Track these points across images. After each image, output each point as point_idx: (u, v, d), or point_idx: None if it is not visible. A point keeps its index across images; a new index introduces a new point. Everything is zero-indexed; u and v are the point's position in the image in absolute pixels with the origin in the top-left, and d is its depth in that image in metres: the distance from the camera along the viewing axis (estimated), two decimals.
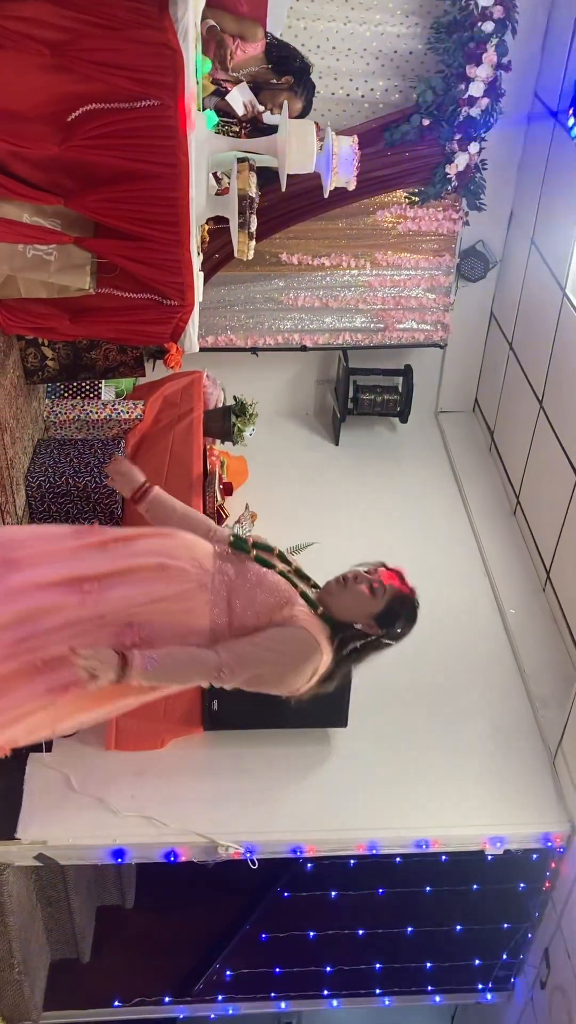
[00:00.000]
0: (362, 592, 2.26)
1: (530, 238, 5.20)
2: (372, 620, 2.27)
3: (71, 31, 2.68)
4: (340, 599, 2.28)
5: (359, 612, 2.27)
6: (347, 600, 2.27)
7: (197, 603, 2.20)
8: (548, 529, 4.91)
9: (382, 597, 2.26)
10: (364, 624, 2.28)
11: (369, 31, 4.77)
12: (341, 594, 2.28)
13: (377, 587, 2.26)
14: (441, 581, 4.92)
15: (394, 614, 2.28)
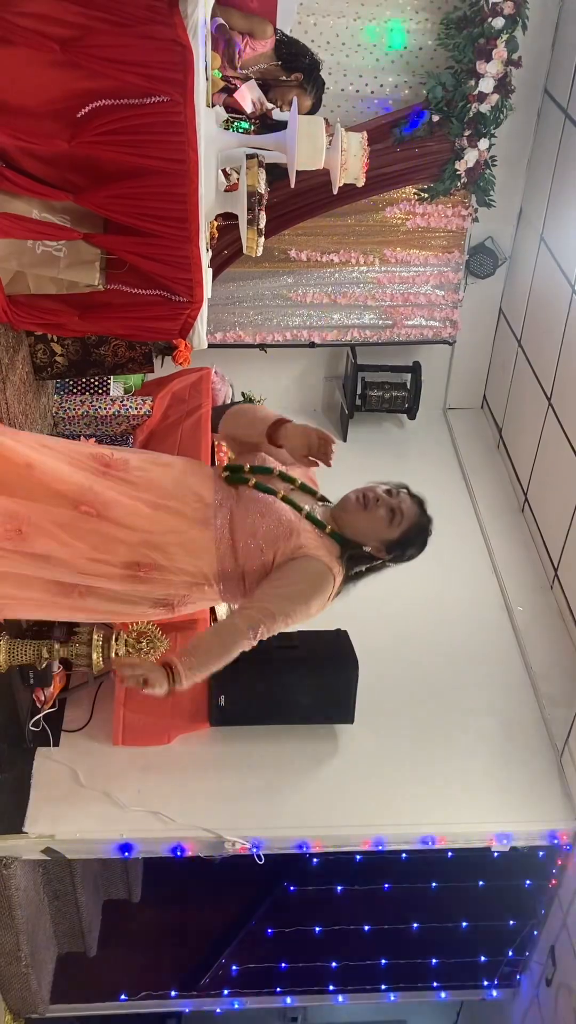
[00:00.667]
0: (380, 517, 2.19)
1: (540, 235, 5.19)
2: (383, 546, 2.21)
3: (81, 27, 2.68)
4: (356, 519, 2.20)
5: (372, 536, 2.20)
6: (363, 522, 2.20)
7: (202, 544, 2.13)
8: (556, 527, 4.90)
9: (399, 526, 2.19)
10: (374, 548, 2.22)
11: (379, 27, 4.76)
12: (358, 515, 2.20)
13: (397, 514, 2.19)
14: (448, 578, 4.92)
15: (407, 544, 2.22)
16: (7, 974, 3.98)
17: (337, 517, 2.22)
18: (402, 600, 4.70)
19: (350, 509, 2.21)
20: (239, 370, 5.48)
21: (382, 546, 2.20)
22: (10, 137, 2.76)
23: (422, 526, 2.24)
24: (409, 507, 2.21)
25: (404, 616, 4.60)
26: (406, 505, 2.21)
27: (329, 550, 2.16)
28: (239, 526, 2.13)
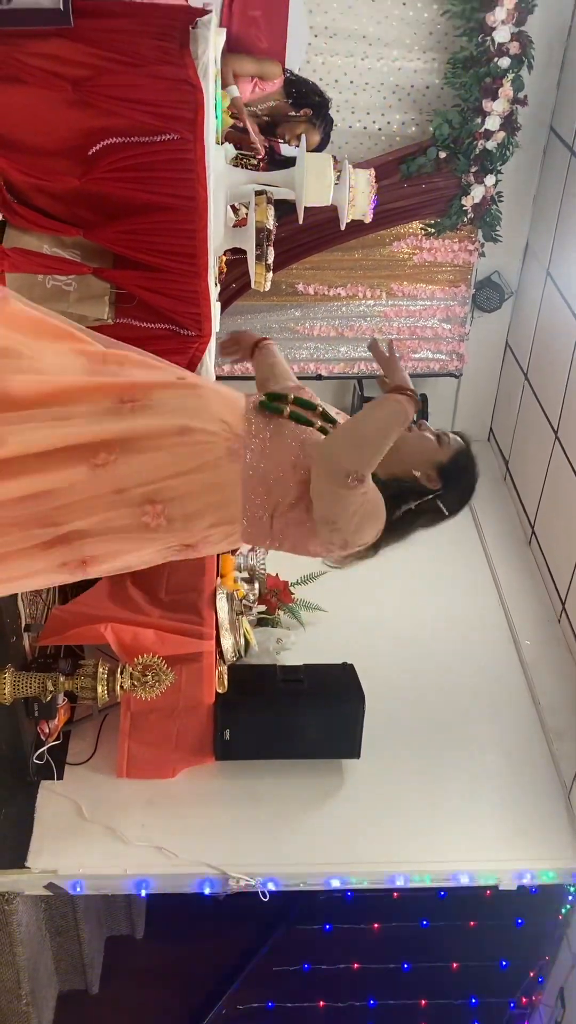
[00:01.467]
0: (428, 437, 2.04)
1: (546, 269, 5.22)
2: (434, 471, 2.01)
3: (93, 68, 2.73)
4: (402, 442, 1.98)
5: (422, 459, 2.01)
6: (410, 443, 2.01)
7: (228, 474, 1.91)
8: (564, 560, 4.89)
9: (448, 448, 2.03)
10: (424, 474, 2.01)
11: (386, 66, 4.83)
12: (404, 437, 1.98)
13: (444, 437, 2.04)
14: (455, 611, 4.91)
15: (459, 471, 2.03)
16: (7, 1012, 3.92)
17: None
18: (408, 633, 4.69)
19: None
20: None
21: (433, 470, 2.01)
22: (22, 174, 2.81)
23: (472, 458, 2.06)
24: (453, 435, 2.07)
25: (411, 649, 4.59)
26: (451, 433, 2.07)
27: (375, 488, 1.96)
28: (271, 457, 1.92)
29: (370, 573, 5.04)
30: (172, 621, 3.48)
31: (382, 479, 1.97)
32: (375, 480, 1.94)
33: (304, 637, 4.48)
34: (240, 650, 3.77)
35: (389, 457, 1.93)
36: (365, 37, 4.73)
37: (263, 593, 4.33)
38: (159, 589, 3.63)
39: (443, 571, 5.18)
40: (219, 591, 3.63)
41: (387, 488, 1.97)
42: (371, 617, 4.70)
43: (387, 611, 4.78)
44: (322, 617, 4.64)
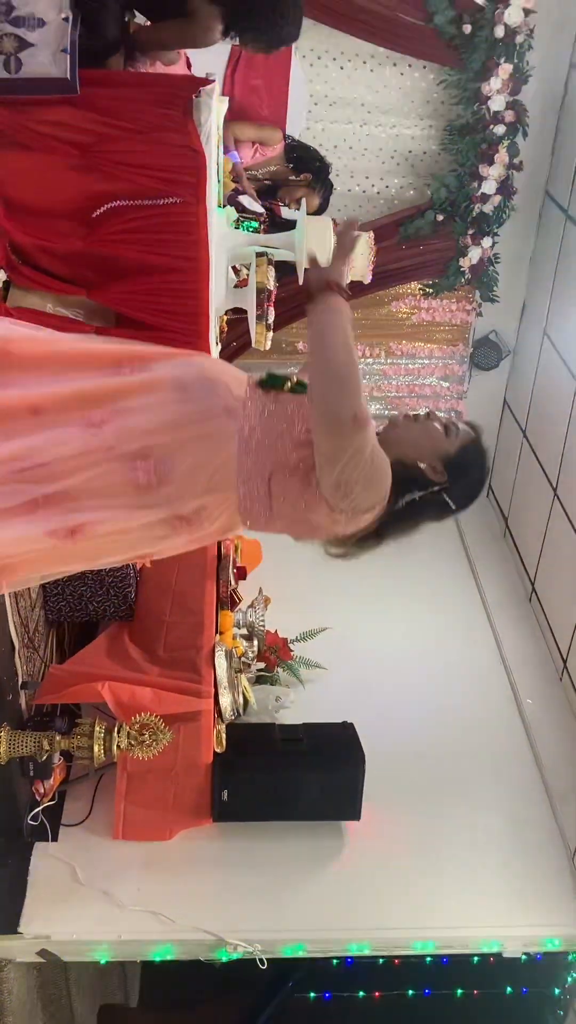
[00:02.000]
0: (435, 428, 1.94)
1: (543, 329, 5.29)
2: (440, 462, 1.91)
3: (99, 134, 2.79)
4: (407, 432, 1.93)
5: (428, 449, 1.91)
6: (415, 433, 1.93)
7: (223, 432, 1.83)
8: (564, 618, 4.86)
9: (456, 439, 1.93)
10: (429, 465, 1.91)
11: (385, 133, 4.96)
12: (409, 427, 1.93)
13: (452, 427, 1.94)
14: (456, 669, 4.87)
15: (466, 463, 1.94)
16: None
17: (385, 437, 1.92)
18: (409, 691, 4.64)
19: (400, 424, 1.96)
20: None
21: (439, 462, 1.91)
22: (27, 236, 2.85)
23: (481, 449, 1.96)
24: (464, 425, 1.97)
25: (411, 707, 4.53)
26: (462, 423, 1.97)
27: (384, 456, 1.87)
28: (269, 419, 1.86)
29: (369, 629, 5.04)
30: (170, 679, 3.45)
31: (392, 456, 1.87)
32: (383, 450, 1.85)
33: (303, 695, 4.43)
34: (239, 709, 3.72)
35: (396, 445, 1.88)
36: (364, 105, 4.86)
37: (262, 650, 4.29)
38: (157, 646, 3.61)
39: (443, 628, 5.15)
40: (218, 648, 3.60)
41: (392, 470, 1.87)
42: (371, 674, 4.66)
43: (387, 668, 4.74)
44: (321, 674, 4.60)
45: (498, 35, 4.41)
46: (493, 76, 4.51)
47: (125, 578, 3.82)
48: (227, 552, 4.26)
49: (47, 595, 3.78)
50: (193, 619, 3.74)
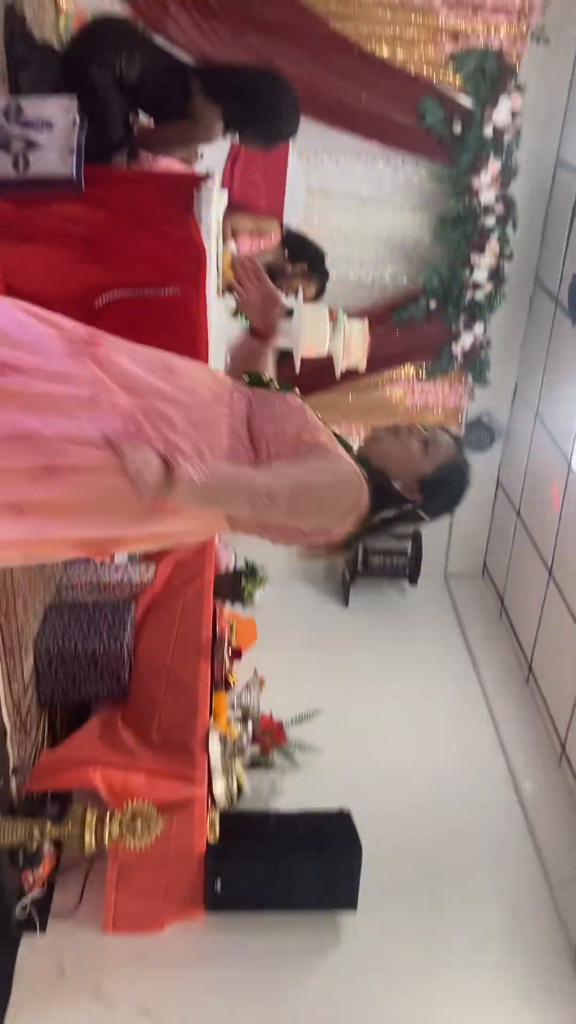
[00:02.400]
0: (412, 446, 1.92)
1: (535, 412, 5.38)
2: (415, 482, 1.91)
3: (103, 228, 2.89)
4: (386, 448, 1.92)
5: (403, 468, 1.91)
6: (393, 450, 1.92)
7: (213, 416, 1.84)
8: (562, 700, 4.82)
9: (434, 458, 1.92)
10: (405, 484, 1.91)
11: (379, 223, 5.11)
12: (389, 442, 1.93)
13: (431, 446, 1.92)
14: (453, 752, 4.81)
15: (442, 483, 1.93)
16: None
17: (366, 448, 1.95)
18: (405, 774, 4.57)
19: (381, 438, 1.95)
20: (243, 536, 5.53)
21: (414, 482, 1.91)
22: None
23: (459, 467, 1.95)
24: (446, 443, 1.95)
25: (407, 791, 4.46)
26: (442, 439, 1.95)
27: (357, 471, 1.87)
28: (255, 415, 1.87)
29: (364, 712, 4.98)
30: (163, 765, 3.40)
31: (368, 465, 1.91)
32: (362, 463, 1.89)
33: (298, 780, 4.36)
34: (232, 795, 3.66)
35: (373, 455, 1.92)
36: (359, 197, 5.02)
37: (256, 734, 4.24)
38: (150, 729, 3.56)
39: (440, 710, 5.11)
40: (212, 732, 3.56)
41: (372, 477, 1.89)
42: (366, 757, 4.60)
43: (383, 751, 4.68)
44: (316, 758, 4.53)
45: (487, 134, 4.60)
46: (483, 172, 4.69)
47: (119, 659, 3.79)
48: (222, 632, 4.24)
49: (40, 676, 3.75)
50: (187, 702, 3.70)
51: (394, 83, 4.50)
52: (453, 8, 4.37)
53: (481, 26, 4.42)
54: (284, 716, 4.55)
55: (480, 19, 4.40)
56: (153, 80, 3.24)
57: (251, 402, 1.90)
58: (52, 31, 3.96)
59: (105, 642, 3.80)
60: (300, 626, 5.69)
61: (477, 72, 4.51)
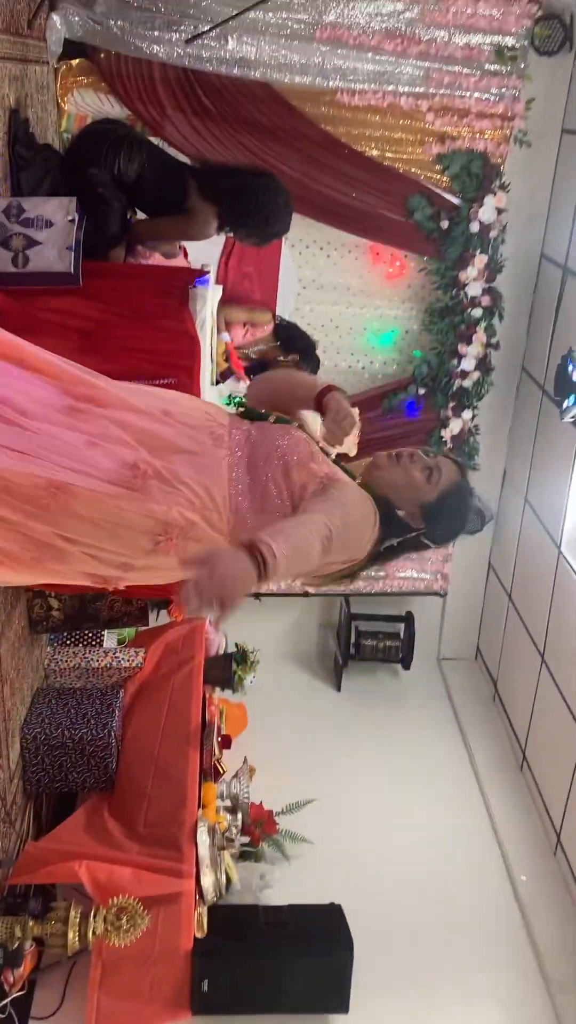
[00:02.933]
0: (415, 475, 1.89)
1: (524, 496, 5.43)
2: (419, 510, 1.89)
3: (100, 320, 2.96)
4: (389, 476, 1.89)
5: (407, 497, 1.89)
6: (396, 478, 1.89)
7: (212, 459, 1.81)
8: (557, 788, 4.75)
9: (437, 486, 1.89)
10: (408, 513, 1.89)
11: (369, 313, 5.24)
12: (391, 470, 1.90)
13: (434, 473, 1.89)
14: (446, 842, 4.71)
15: (446, 510, 1.91)
16: None
17: (368, 476, 1.93)
18: (398, 866, 4.47)
19: (382, 465, 1.92)
20: (233, 618, 5.52)
21: (417, 510, 1.89)
22: None
23: (463, 492, 1.94)
24: (449, 468, 1.92)
25: (400, 885, 4.35)
26: (445, 465, 1.92)
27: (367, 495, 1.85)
28: (257, 450, 1.83)
29: (357, 799, 4.90)
30: (150, 857, 3.31)
31: (376, 494, 1.89)
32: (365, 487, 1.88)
33: (289, 872, 4.26)
34: (221, 889, 3.56)
35: (375, 482, 1.90)
36: (349, 288, 5.17)
37: (246, 824, 4.15)
38: (138, 821, 3.49)
39: (433, 798, 5.02)
40: (200, 824, 3.48)
41: (377, 503, 1.88)
42: (359, 848, 4.50)
43: (375, 841, 4.58)
44: (308, 849, 4.43)
45: (473, 230, 4.76)
46: (470, 266, 4.84)
47: (107, 747, 3.73)
48: (211, 719, 4.19)
49: (26, 765, 3.68)
50: (175, 792, 3.63)
51: (384, 182, 4.67)
52: (439, 113, 4.57)
53: (466, 130, 4.61)
54: (275, 805, 4.47)
55: (465, 124, 4.59)
56: (151, 179, 3.37)
57: (251, 436, 1.86)
58: (54, 132, 4.13)
59: (93, 729, 3.75)
60: (291, 711, 5.62)
61: (463, 172, 4.69)
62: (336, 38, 4.34)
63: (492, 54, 4.49)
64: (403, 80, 4.48)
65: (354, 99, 4.47)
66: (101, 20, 4.07)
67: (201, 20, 4.13)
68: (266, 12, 4.18)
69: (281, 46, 4.31)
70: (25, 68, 3.58)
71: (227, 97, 4.38)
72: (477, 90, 4.55)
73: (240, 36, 4.24)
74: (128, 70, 4.24)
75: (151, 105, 4.32)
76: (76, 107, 4.30)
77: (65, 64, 4.20)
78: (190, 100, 4.36)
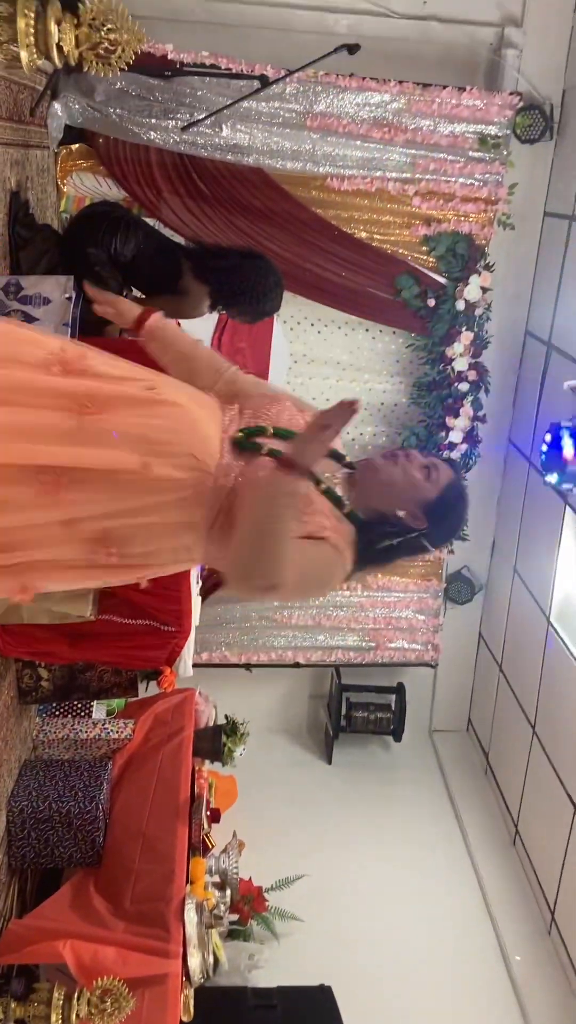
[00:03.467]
0: (415, 474, 1.88)
1: (513, 566, 5.47)
2: (420, 510, 1.87)
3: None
4: (387, 477, 1.88)
5: (408, 497, 1.87)
6: (395, 479, 1.88)
7: (190, 516, 1.76)
8: (550, 864, 4.68)
9: (437, 483, 1.88)
10: (409, 513, 1.87)
11: (359, 387, 5.35)
12: (389, 472, 1.88)
13: (433, 471, 1.88)
14: (439, 920, 4.63)
15: (447, 507, 1.89)
16: None
17: (364, 486, 1.90)
18: (389, 945, 4.38)
19: (379, 467, 1.90)
20: (223, 689, 5.48)
21: (418, 509, 1.87)
22: None
23: (461, 491, 1.93)
24: (444, 467, 1.92)
25: (391, 965, 4.26)
26: (441, 464, 1.92)
27: (345, 536, 1.84)
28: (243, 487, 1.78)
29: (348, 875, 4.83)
30: (136, 936, 3.24)
31: (363, 518, 1.86)
32: (352, 517, 1.85)
33: (278, 951, 4.18)
34: (208, 970, 3.47)
35: (374, 492, 1.87)
36: (339, 363, 5.28)
37: (235, 901, 4.07)
38: (124, 898, 3.42)
39: (425, 874, 4.94)
40: (188, 900, 3.41)
41: (369, 527, 1.86)
42: (349, 926, 4.41)
43: (366, 919, 4.50)
44: (297, 927, 4.35)
45: (459, 308, 4.89)
46: (456, 342, 4.96)
47: (94, 821, 3.68)
48: (200, 792, 4.14)
49: (12, 839, 3.63)
50: (163, 867, 3.57)
51: (372, 262, 4.82)
52: (425, 197, 4.74)
53: (452, 213, 4.78)
54: (264, 880, 4.39)
55: (451, 207, 4.76)
56: (146, 259, 3.47)
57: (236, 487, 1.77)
58: (53, 213, 4.26)
59: (81, 802, 3.70)
60: (281, 784, 5.56)
61: (449, 253, 4.84)
62: (326, 127, 4.53)
63: (476, 142, 4.68)
64: (390, 166, 4.66)
65: (343, 184, 4.64)
66: (101, 108, 4.25)
67: (197, 108, 4.31)
68: (259, 102, 4.36)
69: (273, 134, 4.48)
70: (27, 153, 3.72)
71: (221, 181, 4.55)
72: (462, 175, 4.73)
73: (234, 124, 4.42)
74: (126, 155, 4.40)
75: (148, 188, 4.47)
76: (75, 189, 4.45)
77: (65, 149, 4.36)
78: (185, 184, 4.52)
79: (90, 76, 4.09)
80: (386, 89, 4.50)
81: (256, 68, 4.25)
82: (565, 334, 4.84)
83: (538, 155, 4.91)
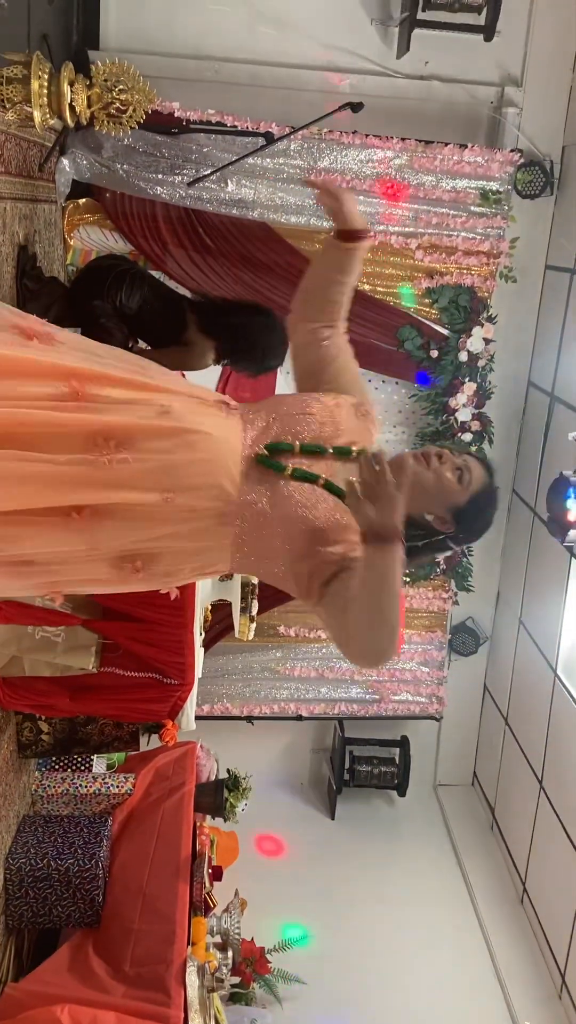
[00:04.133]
0: (448, 477, 1.80)
1: (518, 618, 5.42)
2: (449, 514, 1.82)
3: None
4: (419, 480, 1.79)
5: (438, 501, 1.81)
6: (427, 482, 1.80)
7: (216, 539, 1.77)
8: (560, 924, 4.56)
9: (468, 488, 1.81)
10: (438, 517, 1.82)
11: None
12: (421, 475, 1.80)
13: (465, 474, 1.81)
14: (446, 983, 4.50)
15: (477, 512, 1.84)
16: None
17: None
18: (395, 1010, 4.26)
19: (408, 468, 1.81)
20: (225, 742, 5.41)
21: (448, 513, 1.82)
22: None
23: (493, 494, 1.87)
24: (477, 467, 1.85)
25: None
26: (473, 464, 1.85)
27: None
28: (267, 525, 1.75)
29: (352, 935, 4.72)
30: (136, 1000, 3.14)
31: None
32: None
33: (281, 1015, 4.05)
34: None
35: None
36: None
37: (236, 962, 3.96)
38: (124, 960, 3.32)
39: (431, 935, 4.82)
40: (189, 962, 3.32)
41: None
42: (353, 988, 4.29)
43: (370, 981, 4.37)
44: (301, 990, 4.22)
45: (462, 359, 4.92)
46: (459, 392, 4.98)
47: (94, 879, 3.60)
48: (202, 850, 4.05)
49: (9, 898, 3.54)
50: (164, 927, 3.48)
51: (375, 314, 4.86)
52: (428, 251, 4.79)
53: (454, 266, 4.83)
54: (266, 940, 4.28)
55: (453, 261, 4.81)
56: (151, 312, 3.50)
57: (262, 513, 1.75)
58: (60, 265, 4.31)
59: (80, 860, 3.62)
60: (284, 840, 5.45)
61: (452, 305, 4.88)
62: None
63: (478, 197, 4.75)
64: (393, 221, 4.72)
65: None
66: (108, 163, 4.32)
67: (202, 164, 4.38)
68: (264, 158, 4.44)
69: (278, 189, 4.55)
70: (35, 207, 3.77)
71: (226, 235, 4.60)
72: (464, 230, 4.79)
73: (239, 179, 4.49)
74: (132, 209, 4.46)
75: (153, 242, 4.53)
76: (82, 242, 4.51)
77: (72, 203, 4.42)
78: (191, 237, 4.57)
79: (99, 133, 4.17)
80: (389, 146, 4.57)
81: (261, 125, 4.33)
82: (568, 385, 4.86)
83: (539, 210, 4.98)
